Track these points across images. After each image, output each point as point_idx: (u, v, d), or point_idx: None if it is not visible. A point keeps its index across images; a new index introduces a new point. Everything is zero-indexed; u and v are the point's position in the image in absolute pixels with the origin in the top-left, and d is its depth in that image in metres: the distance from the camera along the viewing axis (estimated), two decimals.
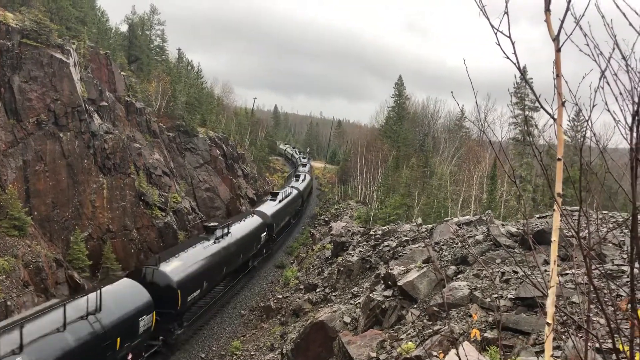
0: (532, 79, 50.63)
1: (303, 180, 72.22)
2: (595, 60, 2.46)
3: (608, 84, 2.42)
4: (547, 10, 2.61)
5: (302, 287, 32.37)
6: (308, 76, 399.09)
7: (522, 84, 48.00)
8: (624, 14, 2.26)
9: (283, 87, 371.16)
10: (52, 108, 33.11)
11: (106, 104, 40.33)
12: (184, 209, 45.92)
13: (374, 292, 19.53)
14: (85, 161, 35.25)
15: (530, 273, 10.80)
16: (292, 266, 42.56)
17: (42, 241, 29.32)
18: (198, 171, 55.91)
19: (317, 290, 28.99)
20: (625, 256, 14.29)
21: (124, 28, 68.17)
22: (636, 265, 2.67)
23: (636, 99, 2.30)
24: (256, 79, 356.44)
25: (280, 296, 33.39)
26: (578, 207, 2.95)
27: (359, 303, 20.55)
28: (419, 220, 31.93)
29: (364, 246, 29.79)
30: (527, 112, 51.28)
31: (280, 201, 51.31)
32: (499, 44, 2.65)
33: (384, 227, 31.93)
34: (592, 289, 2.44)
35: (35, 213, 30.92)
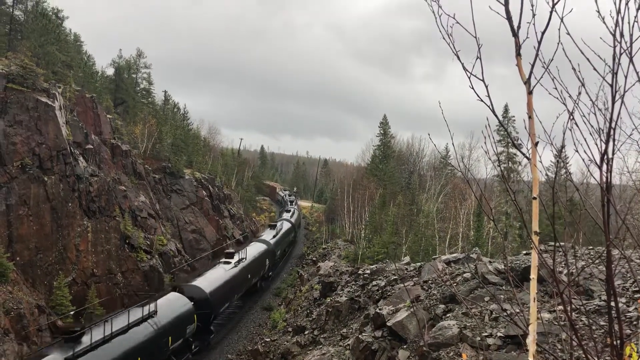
0: (514, 116, 51.66)
1: (238, 264, 38.60)
2: (563, 103, 2.55)
3: (577, 125, 2.51)
4: (518, 54, 2.71)
5: (290, 329, 31.84)
6: (292, 116, 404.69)
7: (504, 121, 48.91)
8: (588, 59, 2.37)
9: (268, 128, 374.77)
10: (36, 152, 32.98)
11: (92, 146, 40.29)
12: (170, 252, 45.39)
13: (364, 333, 19.28)
14: (70, 204, 34.91)
15: (518, 310, 10.78)
16: (280, 308, 41.96)
17: (24, 287, 28.69)
18: (184, 212, 55.55)
19: (306, 332, 28.53)
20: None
21: (111, 71, 68.90)
22: (622, 300, 2.70)
23: (604, 139, 2.38)
24: (240, 120, 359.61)
25: (268, 339, 32.76)
26: (560, 244, 2.99)
27: (349, 345, 20.25)
28: (407, 259, 31.84)
29: (353, 286, 29.52)
30: (509, 149, 52.04)
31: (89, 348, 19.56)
32: (472, 87, 2.74)
33: (372, 266, 31.75)
34: (571, 325, 2.46)
35: (18, 258, 30.34)
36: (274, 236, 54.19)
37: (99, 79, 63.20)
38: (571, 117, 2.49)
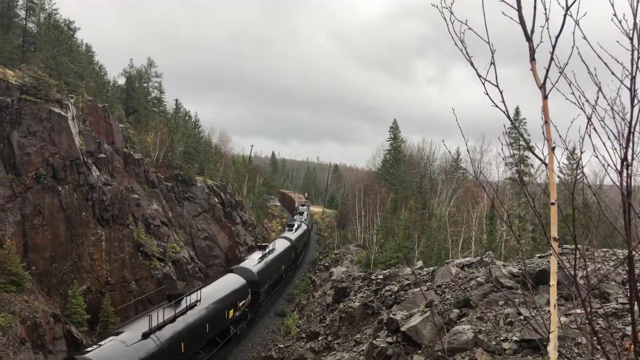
0: (525, 119, 51.35)
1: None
2: (581, 108, 2.53)
3: (595, 130, 2.49)
4: (532, 59, 2.70)
5: (303, 335, 31.79)
6: (298, 121, 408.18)
7: (517, 124, 48.62)
8: (605, 64, 2.35)
9: (276, 133, 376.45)
10: (50, 162, 33.31)
11: (104, 156, 40.61)
12: (183, 259, 45.54)
13: (377, 339, 19.20)
14: (84, 214, 35.18)
15: (534, 314, 10.67)
16: (293, 314, 41.91)
17: (39, 296, 28.91)
18: (196, 220, 55.75)
19: (319, 338, 28.47)
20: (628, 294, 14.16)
21: (122, 81, 69.48)
22: None
23: (624, 143, 2.36)
24: (248, 126, 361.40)
25: (281, 345, 32.74)
26: (576, 247, 2.96)
27: (363, 350, 20.17)
28: (419, 263, 31.69)
29: (366, 291, 29.44)
30: (521, 152, 51.71)
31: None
32: (487, 93, 2.73)
33: (385, 271, 31.63)
34: (593, 330, 2.43)
35: (33, 267, 30.62)
36: (151, 331, 22.80)
37: (111, 89, 63.77)
38: (589, 122, 2.47)
